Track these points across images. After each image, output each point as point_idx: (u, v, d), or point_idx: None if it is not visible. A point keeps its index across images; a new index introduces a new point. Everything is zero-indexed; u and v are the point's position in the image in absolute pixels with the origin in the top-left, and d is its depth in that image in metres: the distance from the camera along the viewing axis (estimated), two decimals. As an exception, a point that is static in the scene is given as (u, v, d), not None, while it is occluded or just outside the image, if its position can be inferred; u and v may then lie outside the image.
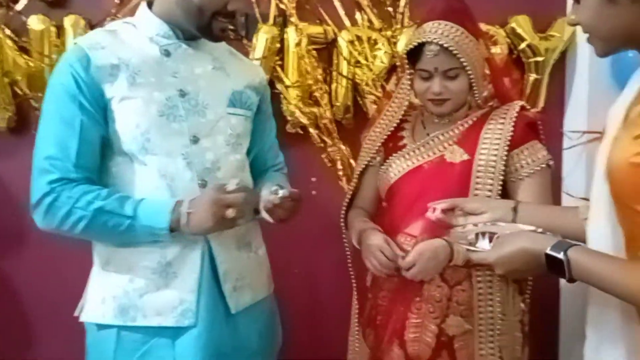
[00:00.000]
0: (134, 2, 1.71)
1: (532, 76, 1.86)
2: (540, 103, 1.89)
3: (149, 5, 1.20)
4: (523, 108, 1.36)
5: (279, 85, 1.79)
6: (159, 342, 1.15)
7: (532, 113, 1.40)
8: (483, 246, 1.10)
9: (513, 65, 1.81)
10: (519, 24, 1.82)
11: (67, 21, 1.70)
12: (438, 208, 1.23)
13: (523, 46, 1.83)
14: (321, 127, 1.84)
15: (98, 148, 1.14)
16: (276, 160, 1.43)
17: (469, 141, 1.34)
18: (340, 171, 1.86)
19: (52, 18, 1.71)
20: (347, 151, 1.86)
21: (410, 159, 1.38)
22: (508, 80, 1.48)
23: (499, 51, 1.82)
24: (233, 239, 1.19)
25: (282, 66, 1.79)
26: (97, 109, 1.12)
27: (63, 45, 1.70)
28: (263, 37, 1.75)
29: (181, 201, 1.11)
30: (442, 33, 1.28)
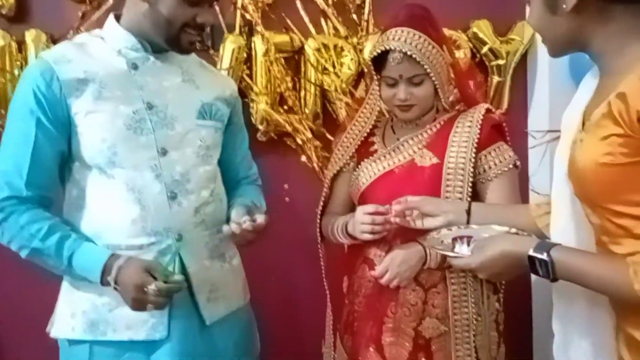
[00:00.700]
0: (97, 16, 1.70)
1: (495, 79, 1.91)
2: (504, 105, 1.93)
3: (117, 18, 1.19)
4: (488, 111, 1.38)
5: (250, 94, 1.79)
6: (133, 356, 1.14)
7: (497, 115, 1.43)
8: (462, 251, 1.09)
9: (477, 69, 1.85)
10: (480, 29, 1.86)
11: (29, 36, 1.67)
12: (393, 210, 1.25)
13: (485, 50, 1.87)
14: (295, 133, 1.84)
15: (55, 165, 1.14)
16: (249, 171, 1.43)
17: (438, 145, 1.35)
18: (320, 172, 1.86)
19: (13, 33, 1.68)
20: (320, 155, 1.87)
21: (381, 163, 1.40)
22: (473, 83, 1.51)
23: (462, 55, 1.85)
24: (205, 250, 1.19)
25: (250, 75, 1.80)
26: (58, 125, 1.11)
27: (25, 60, 1.66)
28: (230, 47, 1.75)
29: (118, 255, 1.10)
30: (405, 40, 1.29)
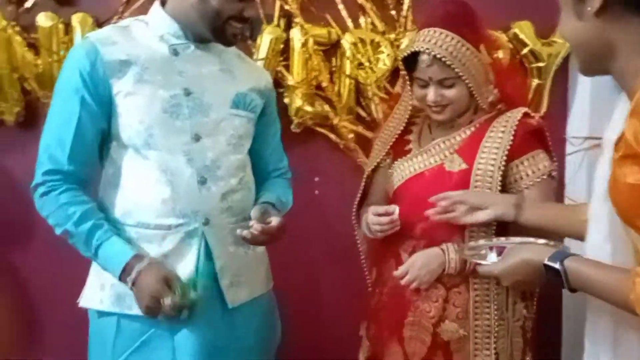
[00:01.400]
0: (140, 2, 1.74)
1: (535, 81, 1.87)
2: (542, 108, 1.90)
3: (162, 4, 1.21)
4: (526, 115, 1.32)
5: (285, 85, 1.80)
6: (157, 333, 1.17)
7: (536, 120, 1.36)
8: (491, 259, 1.14)
9: (519, 69, 1.80)
10: (522, 29, 1.83)
11: (75, 19, 1.72)
12: (438, 206, 1.24)
13: (525, 51, 1.84)
14: (329, 127, 1.85)
15: (95, 143, 1.18)
16: (279, 163, 1.43)
17: (469, 150, 1.32)
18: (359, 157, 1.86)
19: (61, 15, 1.74)
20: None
21: (413, 165, 1.38)
22: (514, 84, 1.45)
23: (502, 56, 1.83)
24: (230, 236, 1.21)
25: (286, 67, 1.81)
26: (100, 104, 1.14)
27: (71, 42, 1.72)
28: (267, 38, 1.76)
29: (141, 257, 1.12)
30: (436, 43, 1.25)
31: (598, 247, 0.95)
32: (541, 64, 1.85)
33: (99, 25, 1.73)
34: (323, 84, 1.82)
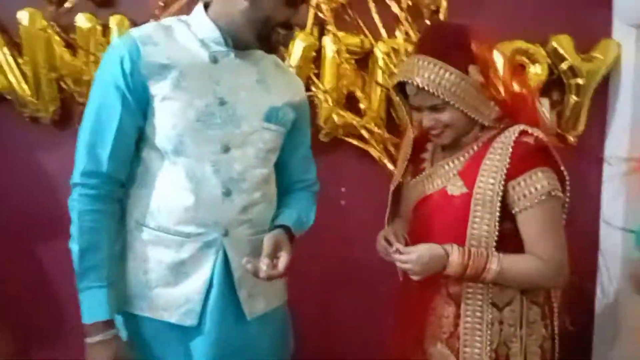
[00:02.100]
0: (177, 6, 1.76)
1: (573, 98, 1.81)
2: (580, 127, 1.84)
3: (205, 7, 1.20)
4: (523, 133, 1.26)
5: (316, 93, 1.80)
6: (169, 337, 1.18)
7: (534, 137, 1.27)
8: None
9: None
10: (560, 44, 1.78)
11: (113, 20, 1.76)
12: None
13: (564, 67, 1.78)
14: (362, 134, 1.84)
15: (133, 141, 1.17)
16: (304, 175, 1.40)
17: (470, 172, 1.28)
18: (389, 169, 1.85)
19: (99, 17, 1.77)
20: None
21: (423, 186, 1.36)
22: (516, 98, 1.34)
23: (539, 70, 1.78)
24: (248, 247, 1.20)
25: (317, 75, 1.80)
26: (139, 102, 1.13)
27: (108, 44, 1.75)
28: (300, 45, 1.76)
29: (112, 325, 1.13)
30: (417, 72, 1.23)
31: None
32: (580, 81, 1.79)
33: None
34: (357, 93, 1.80)
